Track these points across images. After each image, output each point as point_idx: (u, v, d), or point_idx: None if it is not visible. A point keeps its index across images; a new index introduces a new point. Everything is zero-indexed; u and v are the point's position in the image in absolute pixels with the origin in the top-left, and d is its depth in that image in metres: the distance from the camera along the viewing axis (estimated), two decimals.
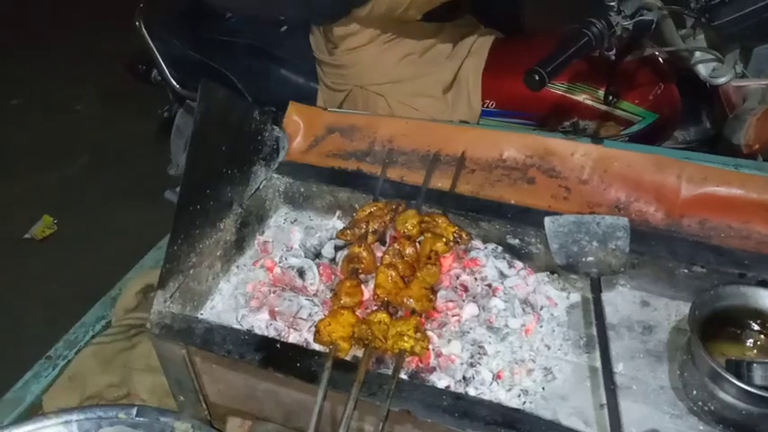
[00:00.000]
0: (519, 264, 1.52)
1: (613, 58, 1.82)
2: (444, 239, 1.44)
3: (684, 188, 1.41)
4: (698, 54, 1.83)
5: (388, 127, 1.67)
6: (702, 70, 1.94)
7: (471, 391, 1.27)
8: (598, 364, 1.30)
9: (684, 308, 1.40)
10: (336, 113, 1.77)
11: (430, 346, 1.32)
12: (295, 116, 1.72)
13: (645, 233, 1.46)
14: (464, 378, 1.29)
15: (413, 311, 1.33)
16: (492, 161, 1.57)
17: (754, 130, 1.77)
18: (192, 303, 1.50)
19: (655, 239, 1.44)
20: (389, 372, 1.25)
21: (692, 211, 1.40)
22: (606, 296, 1.32)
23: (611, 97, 2.04)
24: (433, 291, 1.38)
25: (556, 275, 1.48)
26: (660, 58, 2.08)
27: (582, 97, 2.10)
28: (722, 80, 1.90)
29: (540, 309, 1.45)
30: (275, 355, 1.28)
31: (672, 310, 1.44)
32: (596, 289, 1.35)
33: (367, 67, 2.06)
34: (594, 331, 1.39)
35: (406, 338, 1.24)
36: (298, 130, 1.73)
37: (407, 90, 2.07)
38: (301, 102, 1.74)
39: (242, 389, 1.42)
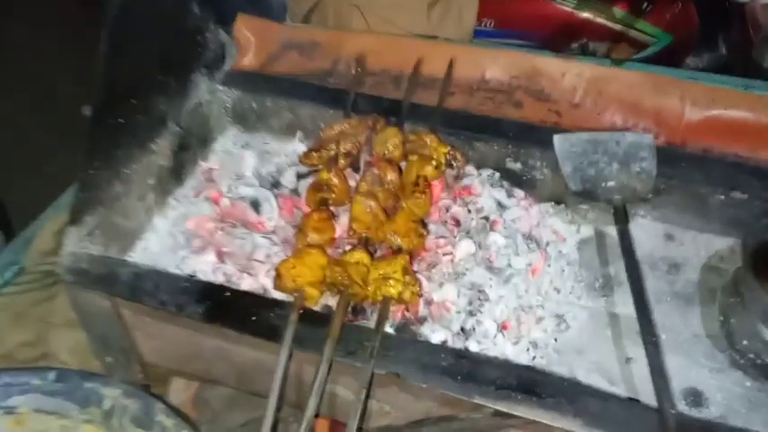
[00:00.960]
0: (519, 192, 1.28)
1: None
2: (434, 162, 1.16)
3: (688, 111, 1.29)
4: None
5: (354, 43, 1.47)
6: None
7: (473, 346, 1.03)
8: (619, 309, 1.13)
9: (715, 242, 1.22)
10: (294, 27, 1.58)
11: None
12: (245, 30, 1.50)
13: (673, 153, 1.22)
14: (463, 330, 1.05)
15: (398, 250, 1.06)
16: (473, 82, 1.40)
17: None
18: (119, 243, 1.21)
19: (686, 161, 1.21)
20: (371, 324, 0.99)
21: (696, 138, 1.27)
22: (614, 231, 1.14)
23: (645, 5, 1.81)
24: (424, 225, 1.11)
25: (562, 206, 1.27)
26: None
27: (593, 15, 1.89)
28: None
29: (547, 245, 1.22)
30: (224, 307, 1.02)
31: (701, 245, 1.23)
32: (622, 218, 1.11)
33: None
34: (612, 270, 1.21)
35: (391, 282, 0.98)
36: (248, 46, 1.50)
37: (387, 2, 1.78)
38: (270, 13, 1.58)
39: (184, 346, 1.16)
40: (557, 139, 1.23)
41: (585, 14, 1.90)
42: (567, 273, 1.19)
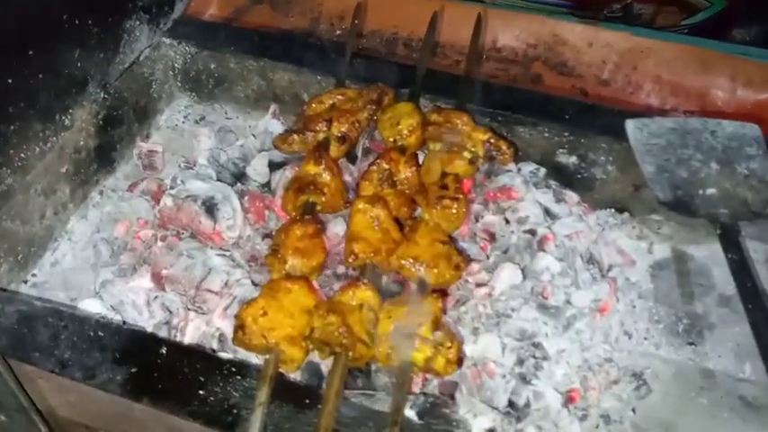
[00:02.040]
0: (572, 196, 1.01)
1: None
2: (468, 154, 0.82)
3: (741, 93, 1.16)
4: None
5: None
6: None
7: None
8: (713, 363, 0.88)
9: None
10: None
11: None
12: None
13: None
14: (512, 406, 0.73)
15: (420, 286, 0.72)
16: (482, 49, 1.24)
17: None
18: (14, 258, 0.93)
19: None
20: (379, 404, 0.66)
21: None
22: (701, 251, 0.98)
23: None
24: (456, 246, 0.77)
25: (626, 215, 1.04)
26: None
27: None
28: None
29: (609, 270, 0.95)
30: (156, 374, 0.69)
31: None
32: (734, 243, 0.84)
33: None
34: (700, 308, 0.96)
35: (416, 343, 0.64)
36: None
37: None
38: None
39: (108, 405, 0.84)
40: (630, 125, 0.97)
41: None
42: (640, 310, 0.95)
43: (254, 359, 0.74)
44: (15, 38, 0.82)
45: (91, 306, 0.84)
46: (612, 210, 1.02)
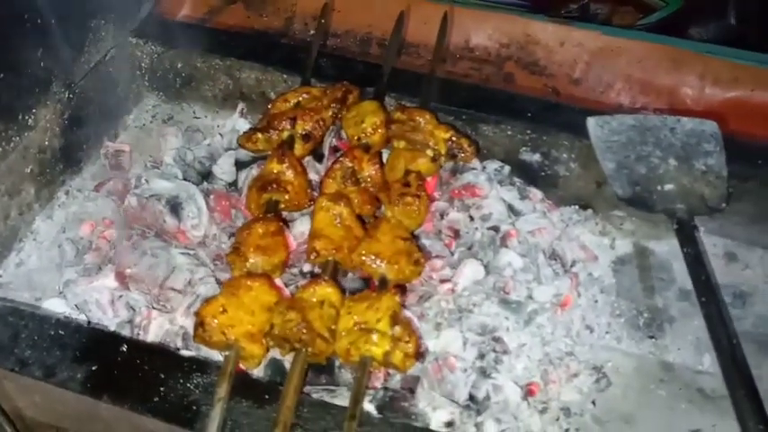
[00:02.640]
0: (536, 193, 1.02)
1: None
2: (431, 152, 0.83)
3: (709, 91, 1.16)
4: None
5: None
6: None
7: (490, 427, 0.71)
8: (672, 356, 0.90)
9: None
10: None
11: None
12: None
13: (746, 147, 0.95)
14: (473, 399, 0.74)
15: (383, 282, 0.72)
16: (455, 49, 1.24)
17: None
18: None
19: (763, 156, 0.92)
20: (341, 395, 0.66)
21: (717, 122, 1.09)
22: (662, 246, 0.99)
23: None
24: (417, 244, 0.78)
25: (590, 211, 1.05)
26: None
27: None
28: None
29: (572, 265, 0.96)
30: (116, 370, 0.70)
31: None
32: (689, 237, 0.85)
33: None
34: (660, 302, 0.97)
35: (375, 338, 0.65)
36: None
37: None
38: None
39: (73, 405, 0.84)
40: (591, 123, 0.98)
41: None
42: (602, 304, 0.95)
43: (216, 356, 0.74)
44: None
45: (55, 306, 0.84)
46: (576, 206, 1.03)
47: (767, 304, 0.94)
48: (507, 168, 1.01)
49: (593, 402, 0.84)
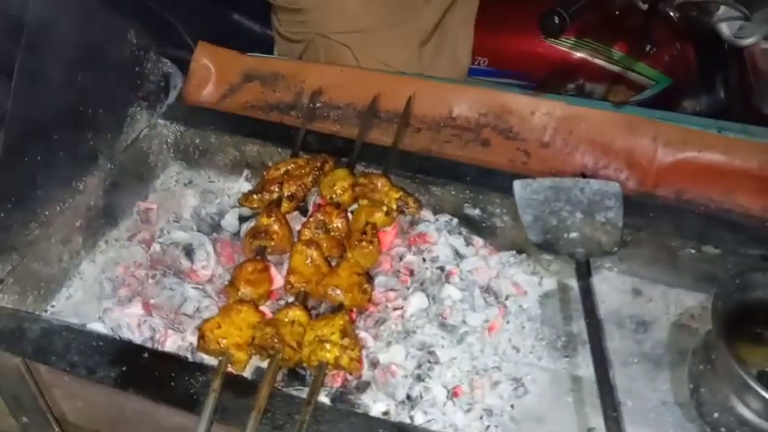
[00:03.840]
0: (478, 240, 1.20)
1: (644, 5, 1.61)
2: (385, 208, 1.08)
3: (661, 153, 1.24)
4: (722, 10, 1.52)
5: (318, 75, 1.42)
6: (726, 30, 1.59)
7: (419, 418, 0.93)
8: (582, 371, 1.05)
9: (686, 298, 1.14)
10: (256, 58, 1.49)
11: (363, 353, 0.96)
12: (205, 59, 1.44)
13: (641, 203, 1.15)
14: (409, 398, 0.95)
15: (339, 307, 0.95)
16: (440, 119, 1.34)
17: None
18: (37, 292, 1.13)
19: (654, 211, 1.14)
20: (305, 394, 0.88)
21: (669, 180, 1.23)
22: None
23: (648, 47, 1.74)
24: (369, 278, 1.02)
25: (524, 255, 1.20)
26: (675, 17, 1.78)
27: (590, 56, 1.80)
28: (749, 41, 1.55)
29: (506, 299, 1.13)
30: (140, 371, 0.92)
31: (671, 301, 1.14)
32: (584, 275, 1.03)
33: (330, 11, 1.67)
34: (576, 328, 1.12)
35: (328, 346, 0.88)
36: (208, 76, 1.44)
37: (377, 40, 1.68)
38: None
39: (106, 407, 1.07)
40: (517, 185, 1.14)
41: (582, 55, 1.81)
42: (528, 330, 1.11)
43: (213, 361, 0.96)
44: (42, 126, 1.05)
45: (95, 328, 1.07)
46: (513, 251, 1.17)
47: (664, 331, 1.08)
48: (455, 221, 1.18)
49: (512, 406, 0.99)
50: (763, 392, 0.84)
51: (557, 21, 1.28)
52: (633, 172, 1.23)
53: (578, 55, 1.81)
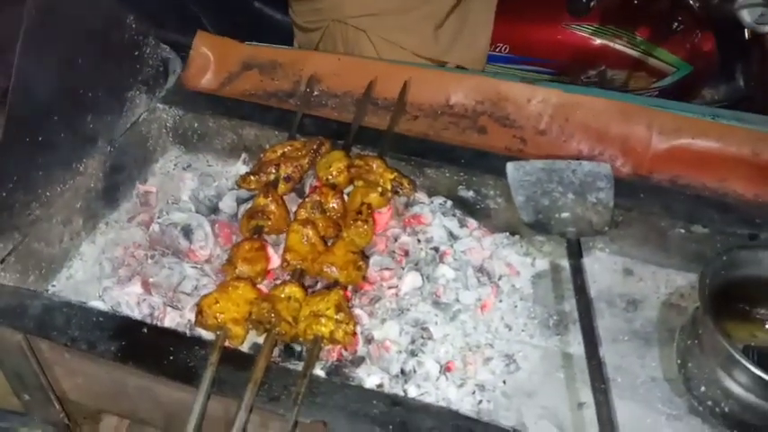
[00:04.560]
0: (472, 222, 1.22)
1: None
2: (380, 189, 1.10)
3: (655, 140, 1.25)
4: None
5: (316, 64, 1.43)
6: (747, 16, 1.60)
7: (412, 391, 0.95)
8: (573, 349, 1.07)
9: (676, 277, 1.16)
10: (255, 47, 1.50)
11: (358, 329, 0.99)
12: (203, 48, 1.45)
13: (632, 184, 1.17)
14: (402, 372, 0.97)
15: (335, 283, 0.98)
16: (437, 106, 1.35)
17: None
18: (38, 271, 1.15)
19: (645, 191, 1.16)
20: (301, 368, 0.90)
21: (663, 167, 1.24)
22: None
23: (674, 26, 1.75)
24: (364, 256, 1.04)
25: (517, 237, 1.22)
26: (696, 4, 1.81)
27: (612, 42, 1.81)
28: None
29: (499, 279, 1.16)
30: (139, 345, 0.95)
31: (661, 281, 1.16)
32: (575, 254, 1.05)
33: None
34: (567, 307, 1.13)
35: (323, 321, 0.90)
36: (207, 64, 1.45)
37: (393, 23, 1.69)
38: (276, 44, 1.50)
39: (107, 384, 1.08)
40: (510, 166, 1.16)
41: (603, 41, 1.82)
42: (520, 309, 1.13)
43: (211, 336, 0.98)
44: (44, 108, 1.07)
45: (95, 306, 1.10)
46: (507, 233, 1.19)
47: (654, 309, 1.10)
48: (450, 203, 1.20)
49: (504, 381, 1.01)
50: (748, 365, 0.86)
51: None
52: (628, 159, 1.24)
53: (599, 41, 1.81)
